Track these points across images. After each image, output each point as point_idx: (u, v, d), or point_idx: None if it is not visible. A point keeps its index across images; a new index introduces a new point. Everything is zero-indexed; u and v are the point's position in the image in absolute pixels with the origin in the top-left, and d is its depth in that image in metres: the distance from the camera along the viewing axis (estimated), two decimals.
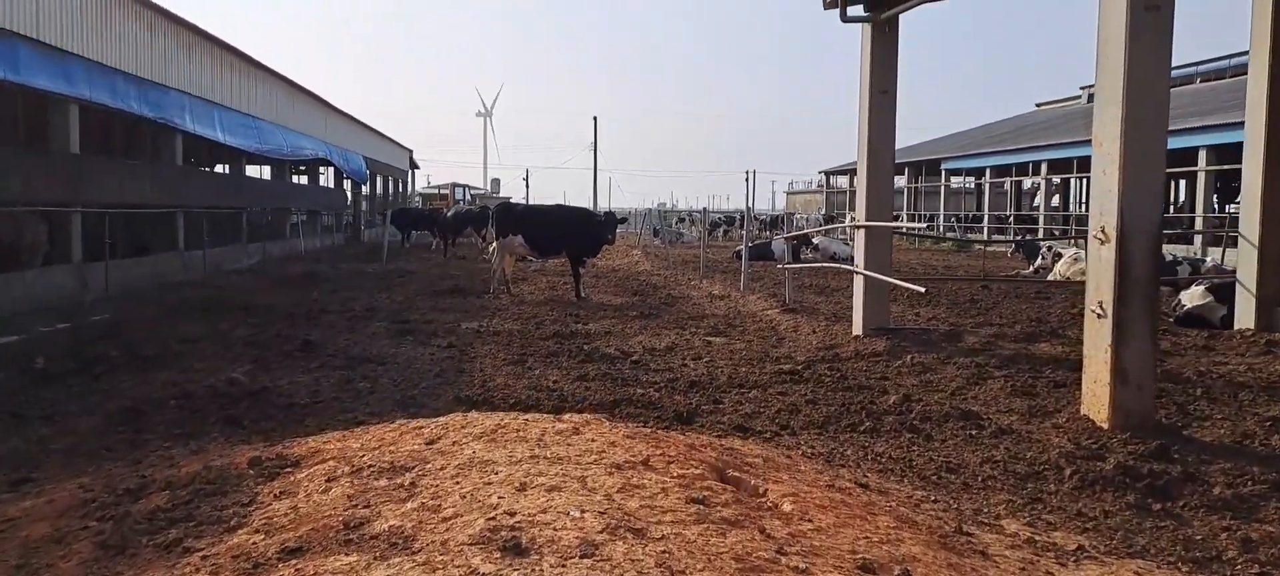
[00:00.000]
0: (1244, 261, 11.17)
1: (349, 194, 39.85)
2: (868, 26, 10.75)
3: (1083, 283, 19.11)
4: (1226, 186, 37.20)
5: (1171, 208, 37.88)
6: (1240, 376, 8.44)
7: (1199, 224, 29.71)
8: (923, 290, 9.59)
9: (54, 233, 13.99)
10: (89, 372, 8.47)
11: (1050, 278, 20.96)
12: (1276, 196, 10.98)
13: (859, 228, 10.72)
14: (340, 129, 35.25)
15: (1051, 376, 8.48)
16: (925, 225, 14.06)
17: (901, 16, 10.72)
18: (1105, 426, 6.28)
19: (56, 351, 9.63)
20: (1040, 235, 36.12)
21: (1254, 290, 10.96)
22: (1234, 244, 26.08)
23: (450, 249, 30.13)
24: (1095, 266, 6.48)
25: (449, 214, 31.70)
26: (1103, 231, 6.35)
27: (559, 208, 17.28)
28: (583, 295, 15.81)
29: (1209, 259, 25.83)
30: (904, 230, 19.34)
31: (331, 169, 35.65)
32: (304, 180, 34.36)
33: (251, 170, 30.51)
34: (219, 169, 29.05)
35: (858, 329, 10.75)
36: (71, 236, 14.01)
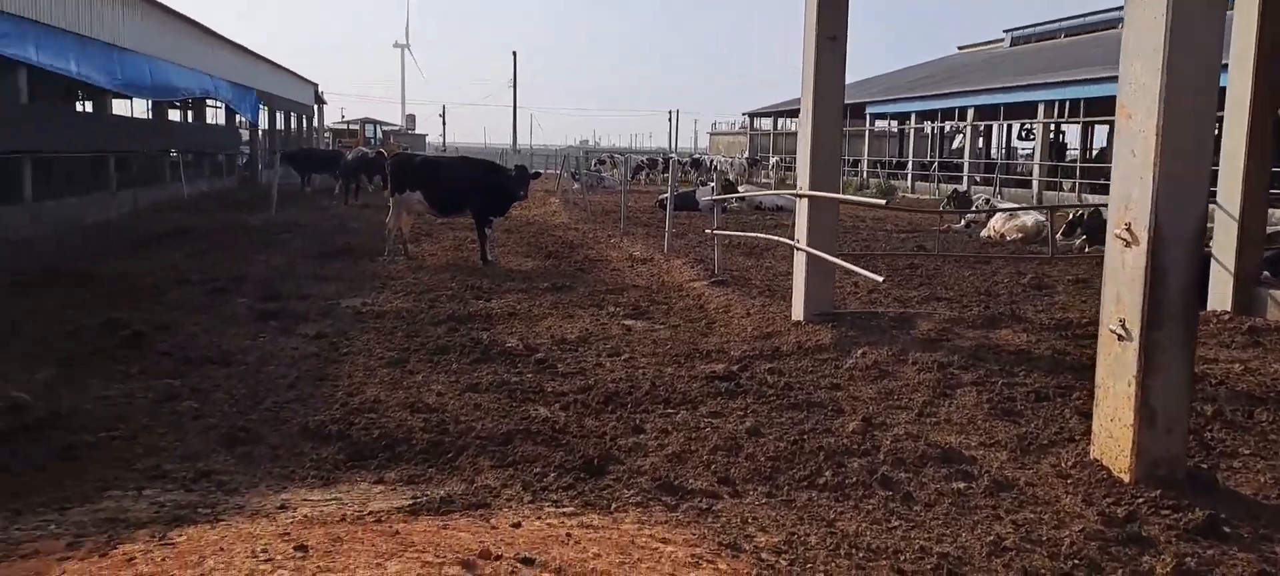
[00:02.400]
0: (1222, 236, 10.05)
1: (244, 132, 36.90)
2: None
3: (1017, 242, 18.12)
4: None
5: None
6: (1242, 381, 7.26)
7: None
8: (881, 279, 8.20)
9: None
10: None
11: (984, 234, 20.02)
12: (1261, 163, 9.87)
13: (802, 197, 9.24)
14: (230, 62, 32.32)
15: (1029, 384, 7.18)
16: (883, 201, 12.67)
17: None
18: (1126, 478, 4.95)
19: None
20: (964, 183, 35.40)
21: (1232, 268, 9.88)
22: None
23: (353, 196, 27.83)
24: (1117, 273, 5.10)
25: (350, 156, 29.32)
26: (1128, 230, 4.96)
27: (463, 160, 15.41)
28: (489, 259, 14.08)
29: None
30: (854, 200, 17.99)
31: (223, 107, 32.76)
32: (189, 118, 31.41)
33: (123, 108, 27.67)
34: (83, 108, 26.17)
35: (798, 313, 9.33)
36: None
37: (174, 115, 31.74)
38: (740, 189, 27.89)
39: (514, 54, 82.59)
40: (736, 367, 7.76)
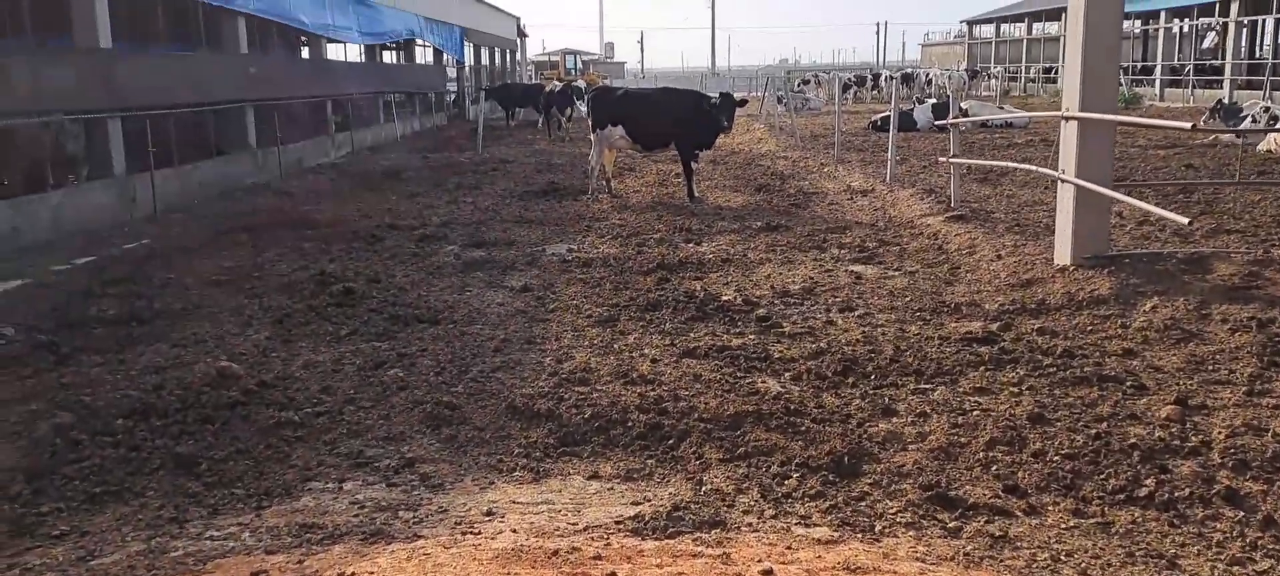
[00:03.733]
0: None
1: (451, 70, 37.72)
2: None
3: None
4: None
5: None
6: None
7: None
8: (1186, 221, 6.67)
9: (92, 143, 12.26)
10: (54, 351, 6.59)
11: (1262, 148, 17.21)
12: None
13: (1070, 119, 7.80)
14: (435, 2, 32.88)
15: None
16: (1189, 124, 10.30)
17: None
18: None
19: (40, 309, 7.84)
20: (1226, 90, 31.11)
21: None
22: None
23: (555, 130, 27.77)
24: None
25: (548, 89, 29.25)
26: None
27: (665, 91, 14.56)
28: (696, 196, 13.29)
29: None
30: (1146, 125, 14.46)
31: (430, 46, 33.47)
32: (398, 59, 32.29)
33: (336, 53, 28.66)
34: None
35: (1064, 256, 7.97)
36: (110, 145, 12.25)
37: (387, 57, 32.79)
38: (964, 105, 25.55)
39: None
40: (996, 326, 6.62)
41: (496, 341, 6.73)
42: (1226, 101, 22.64)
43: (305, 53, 23.49)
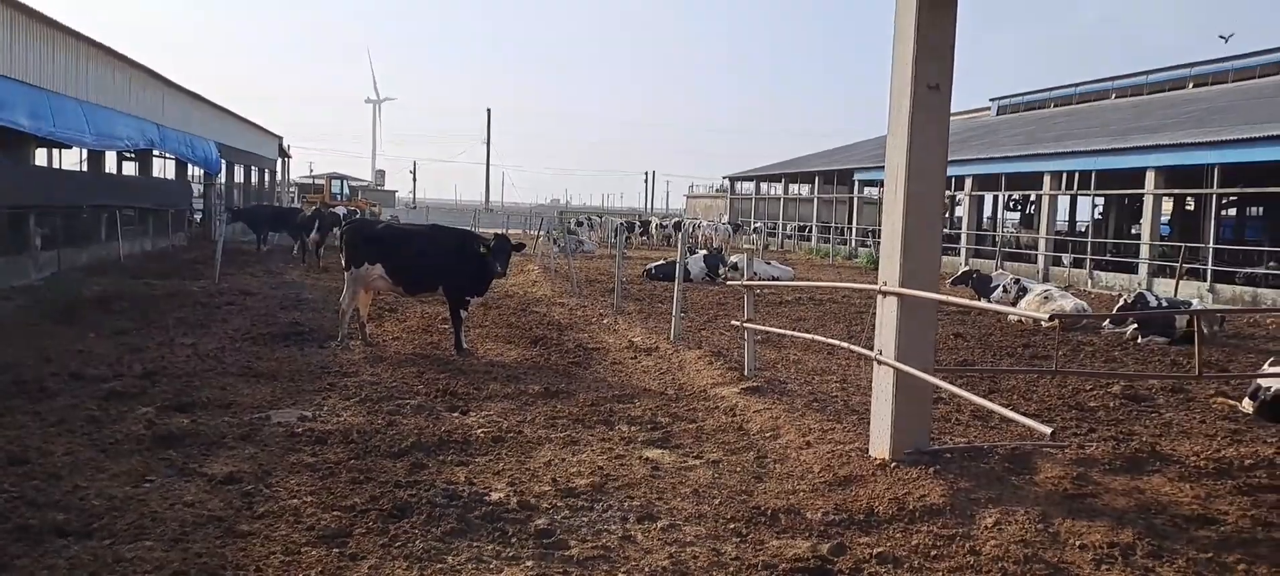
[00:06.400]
0: None
1: (197, 187, 34.31)
2: None
3: (1056, 325, 15.60)
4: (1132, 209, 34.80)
5: (1106, 231, 35.83)
6: None
7: (1145, 252, 27.19)
8: (1048, 431, 5.82)
9: None
10: None
11: (1012, 319, 17.80)
12: None
13: (889, 294, 6.98)
14: (183, 111, 29.85)
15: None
16: (1046, 314, 9.84)
17: None
18: None
19: None
20: (962, 258, 33.43)
21: None
22: (1194, 275, 23.55)
23: (311, 255, 25.25)
24: None
25: (308, 213, 26.83)
26: None
27: (434, 229, 12.97)
28: (464, 348, 11.66)
29: (1158, 292, 23.02)
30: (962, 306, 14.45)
31: (172, 158, 30.17)
32: (133, 170, 28.79)
33: (48, 157, 25.09)
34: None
35: (881, 449, 7.02)
36: None
37: (128, 168, 29.21)
38: (732, 260, 25.54)
39: (488, 111, 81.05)
40: (827, 548, 5.41)
41: (166, 573, 4.75)
42: (977, 271, 23.79)
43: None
